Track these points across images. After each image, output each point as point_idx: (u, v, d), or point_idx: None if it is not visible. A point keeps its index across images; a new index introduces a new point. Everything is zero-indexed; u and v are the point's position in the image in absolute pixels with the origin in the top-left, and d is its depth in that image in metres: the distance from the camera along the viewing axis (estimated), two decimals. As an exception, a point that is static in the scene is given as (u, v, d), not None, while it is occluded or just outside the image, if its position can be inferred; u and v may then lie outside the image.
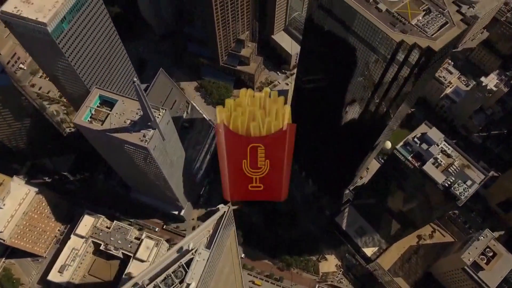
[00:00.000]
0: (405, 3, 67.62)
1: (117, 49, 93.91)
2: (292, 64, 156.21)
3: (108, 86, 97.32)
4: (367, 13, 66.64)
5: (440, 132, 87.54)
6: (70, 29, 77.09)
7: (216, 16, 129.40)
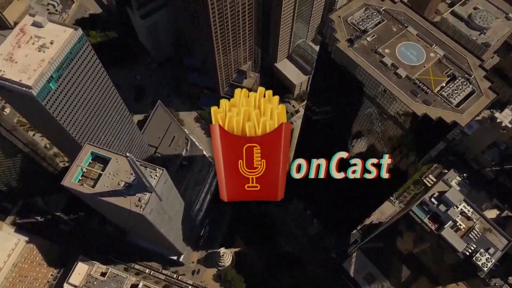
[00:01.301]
0: (427, 68, 61.18)
1: (112, 101, 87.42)
2: (296, 93, 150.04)
3: (103, 141, 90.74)
4: (386, 80, 60.25)
5: (460, 193, 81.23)
6: (59, 88, 70.85)
7: (216, 45, 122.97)
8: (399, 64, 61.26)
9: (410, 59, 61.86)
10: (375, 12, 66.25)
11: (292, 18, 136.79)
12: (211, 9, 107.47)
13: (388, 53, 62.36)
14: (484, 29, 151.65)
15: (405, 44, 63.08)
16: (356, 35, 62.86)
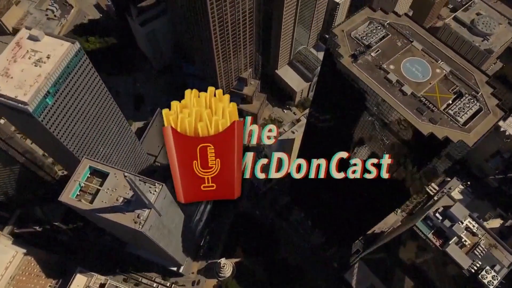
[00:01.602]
0: (433, 85, 59.60)
1: (110, 113, 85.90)
2: (297, 100, 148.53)
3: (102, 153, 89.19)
4: (391, 97, 58.68)
5: (465, 208, 79.67)
6: (56, 102, 69.31)
7: (216, 52, 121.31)
8: (404, 81, 59.70)
9: (416, 75, 60.30)
10: (379, 26, 64.70)
11: (294, 24, 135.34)
12: (211, 16, 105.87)
13: (393, 69, 60.81)
14: (487, 35, 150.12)
15: (410, 60, 61.52)
16: (360, 51, 61.32)
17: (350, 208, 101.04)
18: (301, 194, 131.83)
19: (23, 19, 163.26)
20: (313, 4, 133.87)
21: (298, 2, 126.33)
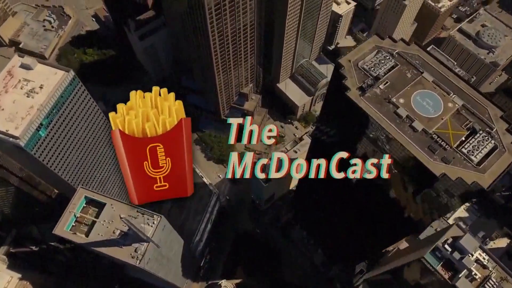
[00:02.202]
0: (445, 121, 56.68)
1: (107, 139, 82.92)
2: (299, 114, 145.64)
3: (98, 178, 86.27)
4: (401, 134, 55.76)
5: (475, 239, 76.62)
6: (49, 134, 66.49)
7: (216, 67, 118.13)
8: (415, 116, 56.81)
9: (427, 110, 57.39)
10: (388, 56, 61.79)
11: (296, 37, 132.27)
12: (211, 29, 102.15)
13: (403, 103, 57.91)
14: (492, 47, 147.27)
15: (421, 93, 58.62)
16: (368, 84, 58.42)
17: (355, 229, 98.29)
18: (303, 212, 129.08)
19: (20, 30, 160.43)
20: (316, 16, 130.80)
21: (301, 14, 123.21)
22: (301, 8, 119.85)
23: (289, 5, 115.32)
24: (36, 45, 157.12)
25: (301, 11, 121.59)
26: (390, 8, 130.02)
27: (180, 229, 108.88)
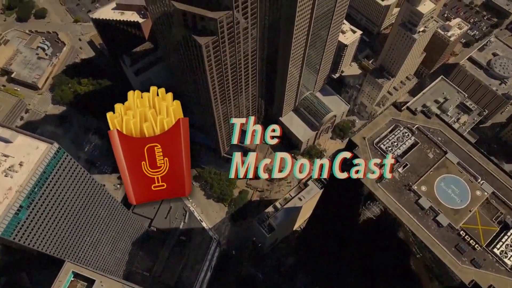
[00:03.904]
0: (474, 213, 50.17)
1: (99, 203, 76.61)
2: (303, 148, 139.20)
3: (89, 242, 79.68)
4: (424, 230, 49.25)
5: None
6: (30, 215, 59.90)
7: (215, 101, 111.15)
8: (439, 208, 50.38)
9: (452, 200, 50.97)
10: (406, 132, 55.40)
11: (301, 68, 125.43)
12: (208, 64, 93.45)
13: (425, 191, 51.47)
14: (504, 78, 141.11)
15: (445, 179, 52.21)
16: (386, 170, 51.79)
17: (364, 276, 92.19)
18: (308, 255, 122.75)
19: (12, 58, 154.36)
20: (322, 46, 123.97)
21: (306, 43, 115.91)
22: (307, 37, 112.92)
23: (294, 35, 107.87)
24: (29, 75, 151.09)
25: (306, 41, 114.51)
26: (398, 42, 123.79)
27: (178, 281, 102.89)
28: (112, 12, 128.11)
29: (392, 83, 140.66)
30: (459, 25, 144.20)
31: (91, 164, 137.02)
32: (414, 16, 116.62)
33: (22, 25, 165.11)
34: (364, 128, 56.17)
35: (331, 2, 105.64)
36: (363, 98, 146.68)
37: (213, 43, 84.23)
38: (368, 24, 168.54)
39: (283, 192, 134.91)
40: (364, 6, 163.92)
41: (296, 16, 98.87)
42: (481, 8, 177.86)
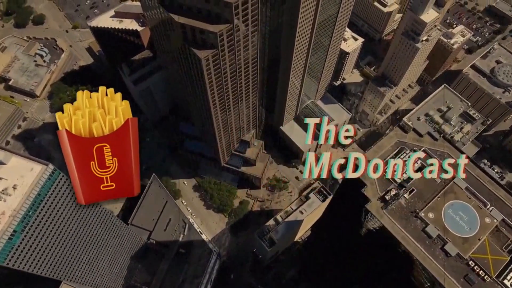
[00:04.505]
0: (483, 242, 48.41)
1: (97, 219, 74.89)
2: (304, 158, 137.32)
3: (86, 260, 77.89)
4: (431, 260, 47.47)
5: None
6: (24, 239, 58.04)
7: (214, 110, 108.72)
8: (448, 236, 48.66)
9: (461, 227, 49.23)
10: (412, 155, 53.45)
11: (302, 76, 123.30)
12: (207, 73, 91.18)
13: (433, 218, 49.74)
14: (508, 86, 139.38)
15: (453, 205, 50.46)
16: (392, 197, 50.12)
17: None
18: (310, 267, 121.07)
19: (10, 65, 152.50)
20: (324, 53, 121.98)
21: (308, 50, 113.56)
22: (309, 44, 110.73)
23: (296, 42, 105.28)
24: (27, 82, 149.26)
25: (308, 48, 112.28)
26: (400, 51, 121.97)
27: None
28: (111, 20, 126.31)
29: (394, 92, 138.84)
30: (462, 32, 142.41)
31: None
32: (417, 25, 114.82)
33: (20, 31, 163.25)
34: (369, 150, 54.37)
35: (333, 8, 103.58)
36: (365, 106, 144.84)
37: (213, 56, 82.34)
38: (370, 30, 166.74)
39: (284, 202, 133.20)
40: (366, 12, 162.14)
41: (298, 22, 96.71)
42: (484, 14, 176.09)
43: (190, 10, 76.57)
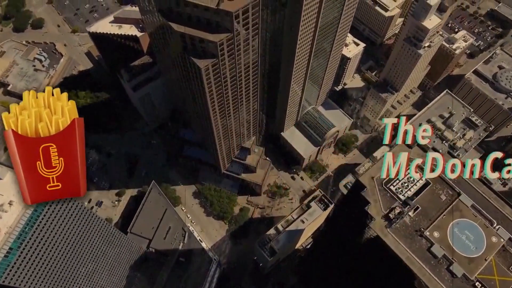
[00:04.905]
0: (490, 262, 47.26)
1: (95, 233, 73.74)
2: (304, 164, 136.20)
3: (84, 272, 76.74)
4: (436, 281, 46.31)
5: None
6: (20, 256, 56.81)
7: (214, 116, 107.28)
8: (453, 256, 47.49)
9: (467, 247, 48.05)
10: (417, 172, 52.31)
11: (304, 81, 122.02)
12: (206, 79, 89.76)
13: (438, 238, 48.58)
14: (511, 92, 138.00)
15: (459, 224, 49.29)
16: (396, 215, 48.99)
17: None
18: (311, 274, 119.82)
19: (8, 70, 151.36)
20: (326, 58, 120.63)
21: (310, 55, 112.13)
22: (311, 49, 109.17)
23: (298, 46, 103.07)
24: (26, 87, 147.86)
25: (310, 52, 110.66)
26: (402, 57, 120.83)
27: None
28: (110, 25, 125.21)
29: (396, 97, 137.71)
30: (464, 37, 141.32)
31: (89, 180, 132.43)
32: (419, 31, 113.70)
33: (19, 35, 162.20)
34: (372, 167, 53.32)
35: (336, 11, 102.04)
36: (366, 112, 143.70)
37: (213, 66, 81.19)
38: (371, 35, 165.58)
39: (284, 209, 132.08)
40: (367, 16, 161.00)
41: (300, 25, 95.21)
42: (485, 18, 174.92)
43: (190, 18, 75.26)
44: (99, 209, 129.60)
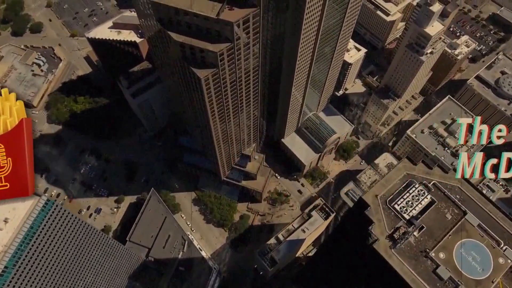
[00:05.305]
0: (497, 286, 46.04)
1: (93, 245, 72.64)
2: (305, 171, 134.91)
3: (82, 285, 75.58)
4: (442, 304, 45.17)
5: None
6: (16, 273, 55.79)
7: (215, 128, 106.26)
8: (460, 278, 46.27)
9: (473, 269, 46.85)
10: (422, 190, 51.22)
11: (305, 87, 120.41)
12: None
13: (444, 259, 47.36)
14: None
15: (465, 244, 48.09)
16: (400, 235, 47.77)
17: None
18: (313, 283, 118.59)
19: (7, 75, 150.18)
20: (327, 64, 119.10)
21: (312, 60, 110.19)
22: (313, 53, 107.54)
23: (299, 51, 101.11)
24: (24, 92, 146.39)
25: (312, 57, 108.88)
26: (404, 63, 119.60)
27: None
28: (109, 31, 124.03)
29: (397, 103, 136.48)
30: (466, 42, 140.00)
31: (87, 187, 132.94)
32: (422, 38, 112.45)
33: (17, 39, 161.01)
34: (376, 184, 52.04)
35: (338, 15, 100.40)
36: (368, 118, 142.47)
37: (213, 75, 79.88)
38: (372, 39, 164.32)
39: (285, 216, 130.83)
40: (369, 21, 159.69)
41: (302, 28, 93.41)
42: (487, 22, 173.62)
43: (190, 28, 73.97)
44: (98, 216, 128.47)
